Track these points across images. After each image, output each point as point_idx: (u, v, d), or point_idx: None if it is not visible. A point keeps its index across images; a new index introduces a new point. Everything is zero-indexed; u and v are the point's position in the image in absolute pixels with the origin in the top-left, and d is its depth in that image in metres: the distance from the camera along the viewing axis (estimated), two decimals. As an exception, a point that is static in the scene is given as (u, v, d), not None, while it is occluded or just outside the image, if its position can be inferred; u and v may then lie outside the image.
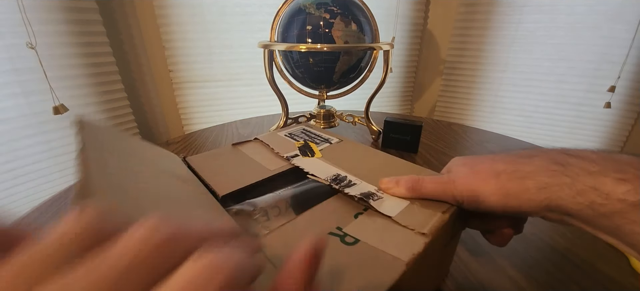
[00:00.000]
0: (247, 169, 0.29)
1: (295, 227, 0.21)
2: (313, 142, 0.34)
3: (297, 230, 0.20)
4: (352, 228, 0.20)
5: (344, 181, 0.25)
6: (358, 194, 0.23)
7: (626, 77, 0.92)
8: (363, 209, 0.22)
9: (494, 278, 0.29)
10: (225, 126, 0.72)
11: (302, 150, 0.32)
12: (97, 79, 0.80)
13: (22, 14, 0.64)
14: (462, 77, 1.13)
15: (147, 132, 1.01)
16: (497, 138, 0.66)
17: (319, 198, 0.23)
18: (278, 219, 0.22)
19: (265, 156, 0.31)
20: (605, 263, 0.31)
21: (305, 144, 0.33)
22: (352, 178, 0.26)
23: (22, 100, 0.69)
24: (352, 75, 0.57)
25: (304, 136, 0.35)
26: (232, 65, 0.97)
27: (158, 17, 0.87)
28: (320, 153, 0.31)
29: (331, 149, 0.32)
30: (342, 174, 0.26)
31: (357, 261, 0.17)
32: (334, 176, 0.26)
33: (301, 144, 0.33)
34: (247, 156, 0.31)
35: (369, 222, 0.21)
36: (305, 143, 0.33)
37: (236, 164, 0.30)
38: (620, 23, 0.88)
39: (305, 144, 0.33)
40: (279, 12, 0.57)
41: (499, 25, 1.02)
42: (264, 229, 0.20)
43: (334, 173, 0.26)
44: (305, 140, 0.34)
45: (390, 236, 0.19)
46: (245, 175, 0.27)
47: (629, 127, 0.99)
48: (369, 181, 0.25)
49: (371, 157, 0.30)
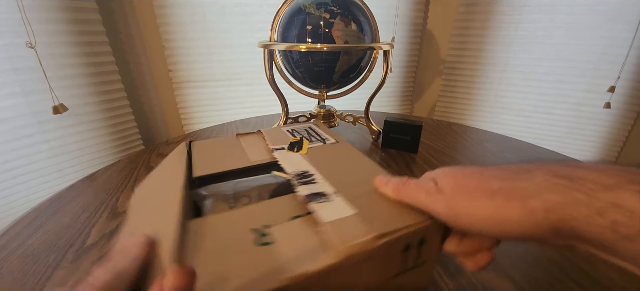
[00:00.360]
0: (231, 158, 0.29)
1: (227, 219, 0.20)
2: (309, 139, 0.34)
3: (228, 222, 0.20)
4: (278, 229, 0.19)
5: (307, 179, 0.24)
6: (306, 194, 0.22)
7: (626, 77, 0.92)
8: (306, 213, 0.21)
9: (494, 278, 0.29)
10: (225, 126, 0.72)
11: (291, 145, 0.31)
12: (96, 78, 0.80)
13: (22, 14, 0.63)
14: (462, 77, 1.13)
15: (146, 132, 1.01)
16: (497, 138, 0.66)
17: (288, 192, 0.23)
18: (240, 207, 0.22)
19: (256, 148, 0.32)
20: (605, 263, 0.31)
21: (298, 140, 0.33)
22: (319, 178, 0.24)
23: (21, 99, 0.69)
24: (352, 75, 0.57)
25: (304, 133, 0.35)
26: (232, 65, 0.97)
27: (158, 17, 0.87)
28: (307, 150, 0.31)
29: (321, 148, 0.31)
30: (310, 173, 0.25)
31: (247, 263, 0.16)
32: (300, 173, 0.25)
33: (295, 140, 0.33)
34: (240, 146, 0.32)
35: (300, 225, 0.19)
36: (300, 140, 0.33)
37: (226, 151, 0.31)
38: (620, 23, 0.88)
39: (298, 140, 0.33)
40: (278, 12, 0.57)
41: (498, 26, 1.02)
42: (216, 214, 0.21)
43: (303, 170, 0.26)
44: (302, 137, 0.34)
45: (304, 244, 0.18)
46: (226, 162, 0.28)
47: (628, 127, 0.99)
48: (335, 183, 0.24)
49: (354, 161, 0.28)
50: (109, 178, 0.48)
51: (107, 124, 0.85)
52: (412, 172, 0.49)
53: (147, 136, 1.01)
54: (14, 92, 0.68)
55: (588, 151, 1.05)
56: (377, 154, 0.56)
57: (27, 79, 0.69)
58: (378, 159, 0.54)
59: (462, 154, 0.56)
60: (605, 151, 1.04)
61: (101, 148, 0.85)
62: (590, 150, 1.05)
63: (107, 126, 0.85)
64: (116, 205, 0.40)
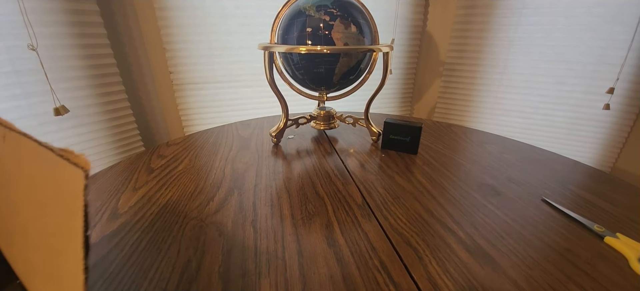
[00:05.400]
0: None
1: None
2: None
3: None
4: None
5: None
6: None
7: (625, 78, 0.92)
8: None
9: (493, 278, 0.29)
10: (225, 128, 0.72)
11: None
12: (98, 80, 0.80)
13: (24, 16, 0.64)
14: (462, 78, 1.14)
15: (147, 134, 1.01)
16: (497, 139, 0.66)
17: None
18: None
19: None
20: (606, 264, 0.31)
21: None
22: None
23: (23, 101, 0.69)
24: (351, 77, 0.57)
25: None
26: (233, 67, 0.97)
27: (159, 19, 0.87)
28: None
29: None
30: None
31: None
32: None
33: None
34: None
35: None
36: None
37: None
38: (619, 25, 0.88)
39: None
40: (279, 14, 0.57)
41: (497, 27, 1.02)
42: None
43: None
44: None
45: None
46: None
47: (627, 129, 0.99)
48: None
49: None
50: (109, 179, 0.48)
51: (108, 126, 0.85)
52: (412, 173, 0.50)
53: (147, 138, 1.01)
54: (15, 94, 0.68)
55: (587, 152, 1.05)
56: (377, 156, 0.57)
57: (29, 81, 0.69)
58: (378, 160, 0.55)
59: (461, 156, 0.56)
60: (604, 152, 1.04)
61: (102, 150, 0.85)
62: (589, 151, 1.05)
63: (108, 128, 0.85)
64: (117, 206, 0.40)
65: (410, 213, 0.39)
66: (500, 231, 0.36)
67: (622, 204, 0.42)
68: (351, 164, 0.53)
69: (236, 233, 0.35)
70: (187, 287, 0.28)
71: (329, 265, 0.30)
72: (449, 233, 0.35)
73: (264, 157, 0.55)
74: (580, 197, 0.43)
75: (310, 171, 0.50)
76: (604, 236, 0.35)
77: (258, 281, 0.28)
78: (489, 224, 0.37)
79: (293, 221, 0.37)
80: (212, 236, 0.34)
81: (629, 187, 0.47)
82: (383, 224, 0.37)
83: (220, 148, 0.60)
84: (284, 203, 0.41)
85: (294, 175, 0.49)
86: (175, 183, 0.46)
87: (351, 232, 0.35)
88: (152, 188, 0.44)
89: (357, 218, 0.38)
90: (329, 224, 0.37)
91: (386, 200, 0.42)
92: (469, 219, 0.38)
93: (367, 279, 0.29)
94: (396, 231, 0.36)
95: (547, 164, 0.54)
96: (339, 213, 0.39)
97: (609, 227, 0.37)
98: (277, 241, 0.34)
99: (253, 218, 0.38)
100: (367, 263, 0.31)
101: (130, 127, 0.91)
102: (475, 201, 0.42)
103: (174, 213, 0.39)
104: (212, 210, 0.39)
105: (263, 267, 0.30)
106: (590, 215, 0.39)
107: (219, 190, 0.44)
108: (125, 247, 0.33)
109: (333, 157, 0.56)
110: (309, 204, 0.41)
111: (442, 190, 0.45)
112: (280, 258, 0.31)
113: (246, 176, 0.48)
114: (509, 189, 0.45)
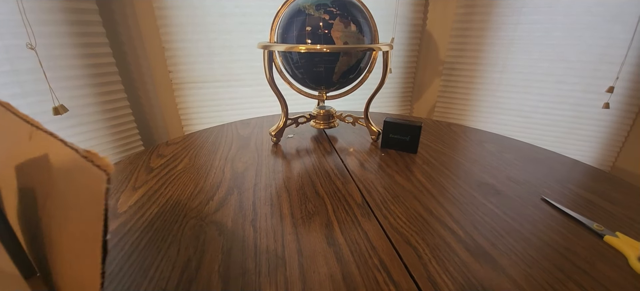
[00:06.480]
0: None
1: None
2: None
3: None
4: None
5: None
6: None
7: (624, 77, 0.92)
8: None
9: (493, 278, 0.29)
10: (225, 127, 0.72)
11: None
12: (97, 79, 0.80)
13: (22, 15, 0.64)
14: (461, 77, 1.13)
15: (146, 133, 1.01)
16: (496, 138, 0.66)
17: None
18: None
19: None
20: (605, 263, 0.31)
21: None
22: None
23: (21, 100, 0.69)
24: (351, 76, 0.57)
25: None
26: (232, 66, 0.97)
27: (158, 18, 0.87)
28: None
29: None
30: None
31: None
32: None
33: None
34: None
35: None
36: None
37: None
38: (619, 24, 0.88)
39: None
40: (278, 13, 0.57)
41: (497, 27, 1.02)
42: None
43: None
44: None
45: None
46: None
47: (627, 128, 0.99)
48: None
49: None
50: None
51: (107, 125, 0.85)
52: (411, 172, 0.50)
53: (147, 137, 1.01)
54: (14, 94, 0.68)
55: (587, 151, 1.05)
56: (376, 155, 0.57)
57: (28, 80, 0.69)
58: (378, 159, 0.55)
59: (461, 155, 0.56)
60: (604, 151, 1.04)
61: (101, 149, 0.85)
62: (589, 150, 1.05)
63: (107, 127, 0.85)
64: (116, 206, 0.40)
65: (410, 212, 0.39)
66: (499, 230, 0.36)
67: (622, 203, 0.42)
68: (351, 164, 0.53)
69: (236, 232, 0.35)
70: (187, 286, 0.28)
71: (328, 264, 0.30)
72: (448, 232, 0.35)
73: (263, 156, 0.55)
74: (579, 196, 0.43)
75: (310, 170, 0.50)
76: (603, 235, 0.35)
77: (258, 280, 0.28)
78: (488, 223, 0.37)
79: (293, 220, 0.37)
80: (211, 235, 0.34)
81: (628, 186, 0.47)
82: (383, 223, 0.37)
83: (220, 147, 0.60)
84: (284, 202, 0.41)
85: (294, 174, 0.49)
86: (174, 183, 0.46)
87: (351, 231, 0.35)
88: (151, 188, 0.44)
89: (356, 217, 0.38)
90: (328, 224, 0.37)
91: (386, 199, 0.42)
92: (469, 218, 0.38)
93: (366, 278, 0.29)
94: (396, 230, 0.36)
95: (546, 163, 0.54)
96: (339, 212, 0.39)
97: (608, 226, 0.37)
98: (277, 240, 0.34)
99: (253, 217, 0.38)
100: (367, 262, 0.31)
101: (129, 127, 0.91)
102: (475, 200, 0.42)
103: (174, 212, 0.38)
104: (212, 209, 0.39)
105: (263, 266, 0.30)
106: (589, 214, 0.39)
107: (219, 189, 0.44)
108: (125, 246, 0.33)
109: (333, 156, 0.56)
110: (308, 203, 0.41)
111: (442, 189, 0.45)
112: (280, 257, 0.31)
113: (246, 175, 0.48)
114: (508, 188, 0.45)
